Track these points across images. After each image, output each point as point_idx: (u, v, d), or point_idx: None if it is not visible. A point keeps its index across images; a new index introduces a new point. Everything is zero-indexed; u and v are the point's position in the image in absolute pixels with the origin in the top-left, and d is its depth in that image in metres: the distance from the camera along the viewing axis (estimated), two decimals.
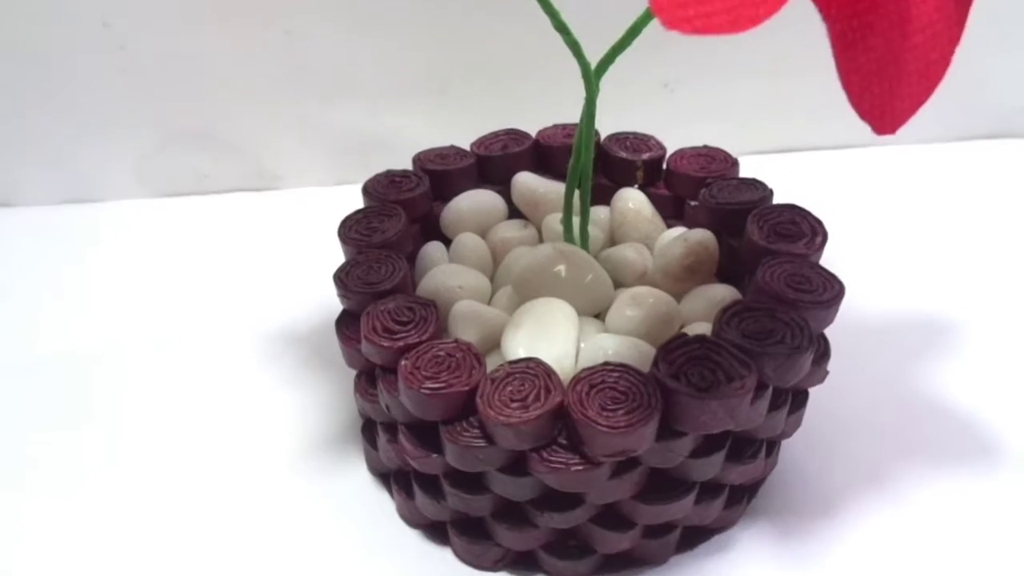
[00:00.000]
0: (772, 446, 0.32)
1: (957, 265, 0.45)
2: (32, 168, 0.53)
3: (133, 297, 0.47)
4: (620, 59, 0.29)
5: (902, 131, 0.20)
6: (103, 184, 0.54)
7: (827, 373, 0.31)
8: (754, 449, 0.30)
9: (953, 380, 0.38)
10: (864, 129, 0.20)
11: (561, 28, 0.28)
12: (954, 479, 0.34)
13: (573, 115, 0.33)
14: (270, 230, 0.52)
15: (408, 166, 0.39)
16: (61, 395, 0.40)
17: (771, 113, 0.53)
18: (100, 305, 0.46)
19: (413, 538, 0.33)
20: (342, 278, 0.31)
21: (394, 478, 0.33)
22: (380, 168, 0.52)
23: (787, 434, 0.32)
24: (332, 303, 0.32)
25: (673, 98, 0.52)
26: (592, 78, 0.29)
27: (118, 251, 0.51)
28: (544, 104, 0.42)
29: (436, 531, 0.32)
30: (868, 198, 0.50)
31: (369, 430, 0.34)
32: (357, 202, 0.37)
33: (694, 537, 0.32)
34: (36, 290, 0.48)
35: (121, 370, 0.41)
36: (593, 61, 0.29)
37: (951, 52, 0.20)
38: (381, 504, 0.34)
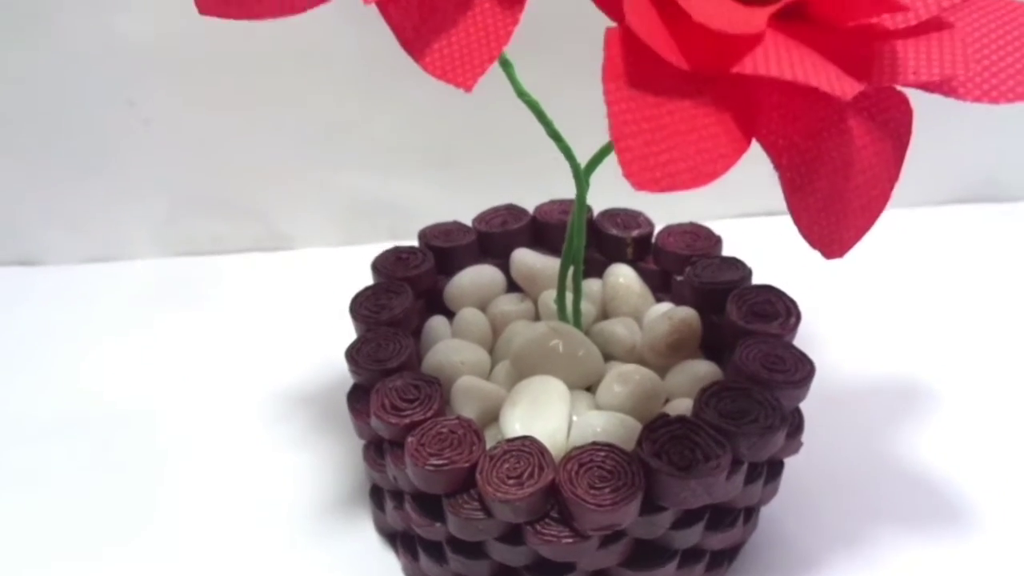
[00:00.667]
0: (750, 513, 0.34)
1: (931, 329, 0.47)
2: (58, 230, 0.57)
3: (149, 355, 0.49)
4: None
5: None
6: (125, 244, 0.57)
7: (801, 444, 0.34)
8: (732, 517, 0.32)
9: (928, 445, 0.40)
10: None
11: (554, 136, 0.31)
12: (930, 543, 0.36)
13: (567, 188, 0.35)
14: (282, 289, 0.55)
15: (412, 230, 0.42)
16: (75, 455, 0.42)
17: (754, 178, 0.55)
18: (117, 363, 0.49)
19: None
20: (353, 355, 0.34)
21: (400, 540, 0.35)
22: (387, 231, 0.55)
23: (764, 501, 0.34)
24: (341, 364, 0.34)
25: None
26: (583, 177, 0.32)
27: (136, 308, 0.53)
28: (541, 175, 0.45)
29: None
30: (844, 261, 0.53)
31: (377, 494, 0.37)
32: (364, 262, 0.39)
33: None
34: (57, 348, 0.50)
35: (136, 429, 0.44)
36: (586, 150, 0.32)
37: (890, 188, 0.22)
38: (388, 564, 0.36)
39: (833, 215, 0.22)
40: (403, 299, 0.37)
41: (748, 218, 0.56)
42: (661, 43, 0.19)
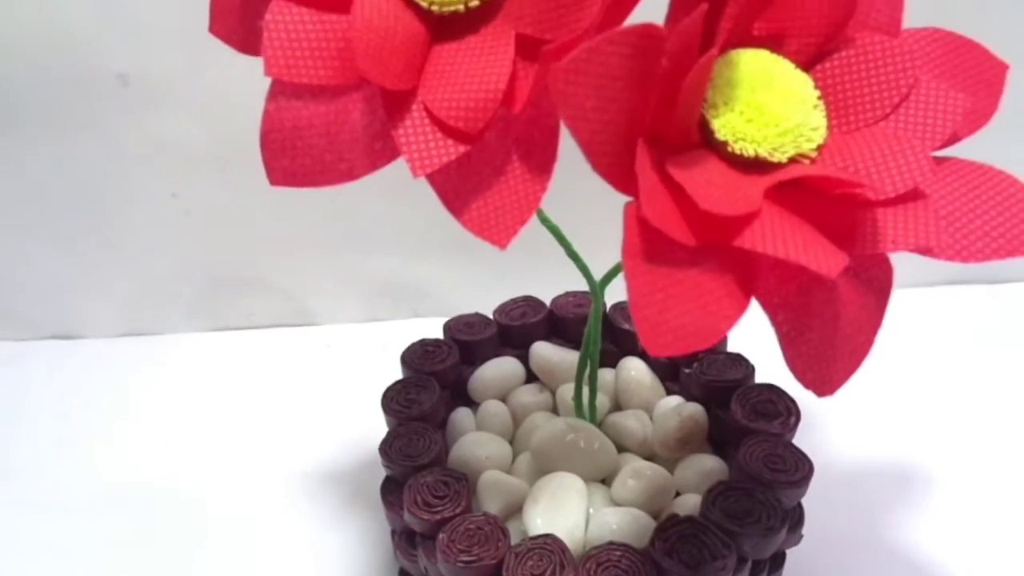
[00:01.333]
0: None
1: (927, 412, 0.50)
2: (97, 305, 0.60)
3: (182, 429, 0.52)
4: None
5: None
6: (160, 319, 0.60)
7: (802, 536, 0.36)
8: None
9: (926, 530, 0.42)
10: None
11: (573, 256, 0.34)
12: None
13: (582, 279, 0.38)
14: (309, 363, 0.58)
15: (433, 308, 0.45)
16: (108, 529, 0.45)
17: None
18: (151, 437, 0.51)
19: None
20: (386, 450, 0.37)
21: None
22: (409, 309, 0.58)
23: None
24: (366, 442, 0.37)
25: None
26: (599, 292, 0.35)
27: (170, 383, 0.56)
28: (557, 263, 0.48)
29: None
30: None
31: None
32: (388, 337, 0.44)
33: None
34: (92, 421, 0.53)
35: (168, 504, 0.46)
36: (600, 263, 0.35)
37: (874, 335, 0.25)
38: None
39: (824, 361, 0.25)
40: (431, 394, 0.40)
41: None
42: (672, 226, 0.22)
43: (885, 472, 0.46)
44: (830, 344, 0.25)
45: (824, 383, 0.25)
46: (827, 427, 0.48)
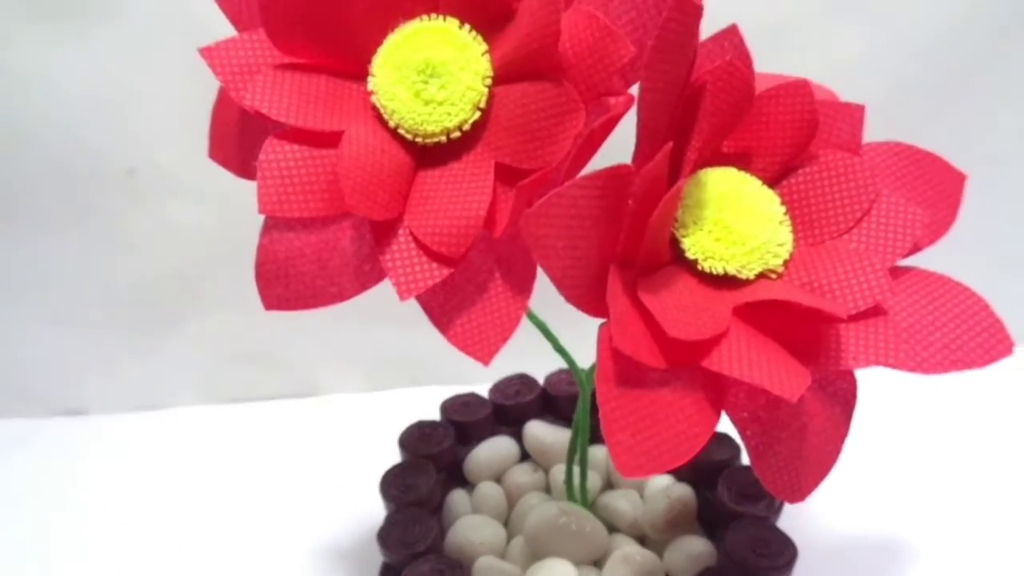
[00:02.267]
0: None
1: (911, 485, 0.50)
2: (104, 380, 0.61)
3: (189, 503, 0.53)
4: None
5: None
6: (169, 394, 0.61)
7: None
8: None
9: None
10: None
11: (560, 351, 0.36)
12: None
13: (581, 354, 0.39)
14: (312, 434, 0.59)
15: (431, 376, 0.47)
16: None
17: None
18: (160, 511, 0.53)
19: None
20: (384, 538, 0.38)
21: None
22: (408, 377, 0.60)
23: None
24: (370, 518, 0.38)
25: None
26: (585, 382, 0.37)
27: (176, 457, 0.58)
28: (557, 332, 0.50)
29: None
30: None
31: None
32: (387, 407, 0.45)
33: None
34: (100, 496, 0.55)
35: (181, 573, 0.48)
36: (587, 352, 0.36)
37: (841, 443, 0.27)
38: None
39: (793, 471, 0.26)
40: (427, 478, 0.41)
41: None
42: (643, 351, 0.24)
43: (871, 547, 0.47)
44: (798, 455, 0.26)
45: (794, 491, 0.26)
46: (812, 503, 0.49)
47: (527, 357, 0.48)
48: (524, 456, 0.45)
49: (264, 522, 0.51)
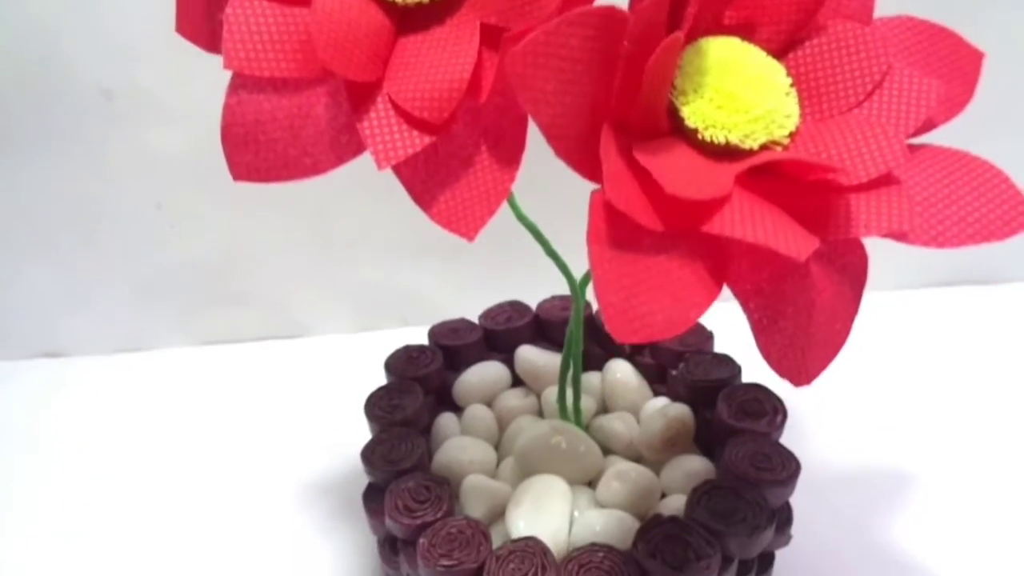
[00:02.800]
0: None
1: (917, 415, 0.49)
2: (84, 322, 0.60)
3: (171, 442, 0.52)
4: None
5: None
6: (150, 335, 0.60)
7: (790, 537, 0.36)
8: None
9: (917, 534, 0.41)
10: None
11: (551, 255, 0.34)
12: None
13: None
14: (299, 375, 0.57)
15: (421, 317, 0.45)
16: (96, 545, 0.44)
17: None
18: (141, 451, 0.51)
19: None
20: (368, 456, 0.36)
21: None
22: (397, 318, 0.58)
23: None
24: (354, 452, 0.37)
25: None
26: (579, 292, 0.35)
27: (160, 398, 0.56)
28: (544, 268, 0.48)
29: None
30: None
31: None
32: (376, 348, 0.43)
33: None
34: (81, 438, 0.53)
35: (157, 517, 0.46)
36: (581, 263, 0.35)
37: (851, 322, 0.25)
38: None
39: (799, 350, 0.24)
40: (414, 399, 0.39)
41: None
42: (638, 210, 0.22)
43: (874, 473, 0.45)
44: (805, 332, 0.24)
45: (800, 373, 0.24)
46: (815, 429, 0.47)
47: (521, 289, 0.47)
48: (516, 383, 0.44)
49: (248, 458, 0.50)
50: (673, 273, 0.23)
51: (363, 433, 0.39)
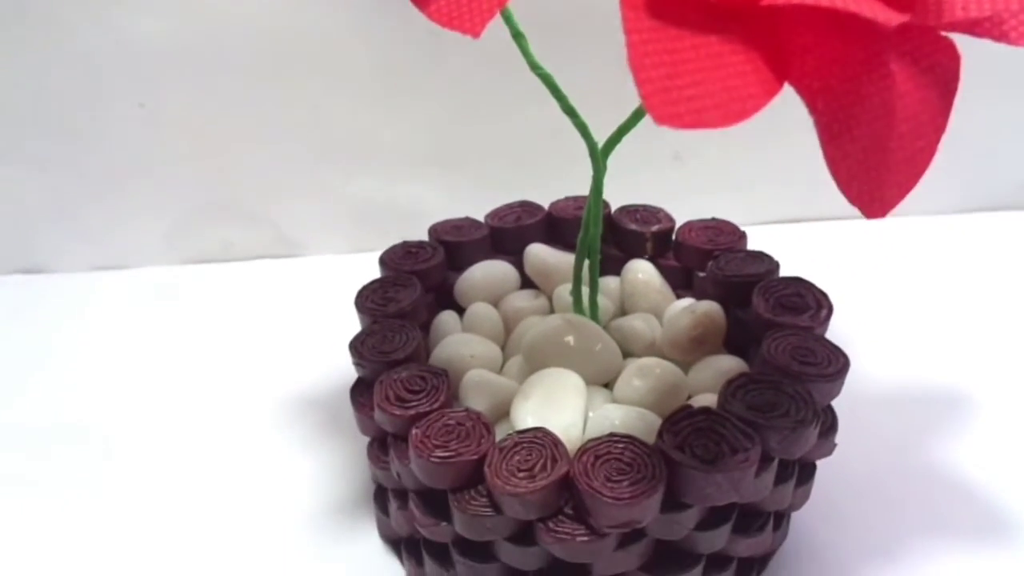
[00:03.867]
0: (780, 518, 0.32)
1: (966, 337, 0.45)
2: (65, 237, 0.56)
3: (157, 361, 0.48)
4: (633, 132, 0.30)
5: (908, 203, 0.21)
6: (134, 251, 0.56)
7: (835, 446, 0.31)
8: (761, 522, 0.30)
9: (965, 452, 0.38)
10: None
11: (569, 111, 0.30)
12: (967, 554, 0.33)
13: (585, 188, 0.34)
14: (291, 296, 0.53)
15: (424, 236, 0.40)
16: (82, 460, 0.41)
17: (780, 183, 0.54)
18: (124, 370, 0.47)
19: None
20: (357, 346, 0.32)
21: (405, 545, 0.33)
22: (398, 236, 0.54)
23: (795, 507, 0.32)
24: (349, 370, 0.33)
25: (683, 169, 0.53)
26: (599, 157, 0.31)
27: (145, 316, 0.52)
28: (557, 176, 0.44)
29: None
30: (875, 269, 0.51)
31: (381, 497, 0.35)
32: (375, 270, 0.38)
33: None
34: (62, 355, 0.49)
35: (143, 433, 0.42)
36: (603, 135, 0.30)
37: (937, 140, 0.20)
38: (391, 572, 0.34)
39: (874, 168, 0.20)
40: (411, 291, 0.35)
41: (772, 225, 0.54)
42: None
43: (921, 396, 0.42)
44: (882, 145, 0.20)
45: (873, 199, 0.20)
46: (859, 351, 0.43)
47: (528, 196, 0.43)
48: (525, 285, 0.39)
49: (234, 376, 0.46)
50: (725, 58, 0.18)
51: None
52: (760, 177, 0.54)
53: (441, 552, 0.30)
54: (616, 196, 0.40)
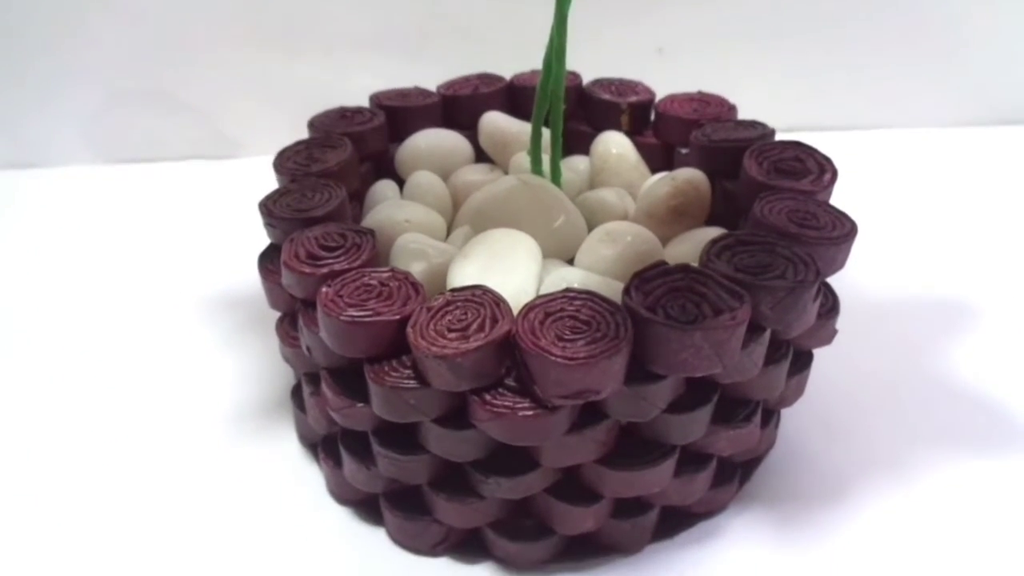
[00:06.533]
0: (769, 415, 0.27)
1: (969, 246, 0.42)
2: None
3: (75, 263, 0.43)
4: (614, 23, 0.25)
5: (917, 114, 0.16)
6: (48, 148, 0.50)
7: (835, 332, 0.26)
8: (748, 411, 0.25)
9: (964, 360, 0.34)
10: (865, 110, 0.15)
11: None
12: (965, 461, 0.29)
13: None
14: (226, 201, 0.47)
15: None
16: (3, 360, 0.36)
17: (769, 85, 0.48)
18: (39, 272, 0.42)
19: (343, 517, 0.28)
20: (268, 205, 0.27)
21: (322, 446, 0.28)
22: None
23: (787, 401, 0.27)
24: None
25: (666, 64, 0.48)
26: None
27: (63, 219, 0.46)
28: (523, 62, 0.38)
29: (368, 508, 0.27)
30: (878, 179, 0.46)
31: (299, 393, 0.30)
32: None
33: (675, 522, 0.26)
34: None
35: (57, 334, 0.38)
36: None
37: None
38: (308, 475, 0.29)
39: None
40: (340, 152, 0.30)
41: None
42: None
43: (921, 305, 0.38)
44: None
45: None
46: (862, 261, 0.38)
47: None
48: (480, 159, 0.34)
49: (154, 278, 0.42)
50: None
51: None
52: (748, 74, 0.48)
53: (360, 445, 0.25)
54: (587, 65, 0.35)
